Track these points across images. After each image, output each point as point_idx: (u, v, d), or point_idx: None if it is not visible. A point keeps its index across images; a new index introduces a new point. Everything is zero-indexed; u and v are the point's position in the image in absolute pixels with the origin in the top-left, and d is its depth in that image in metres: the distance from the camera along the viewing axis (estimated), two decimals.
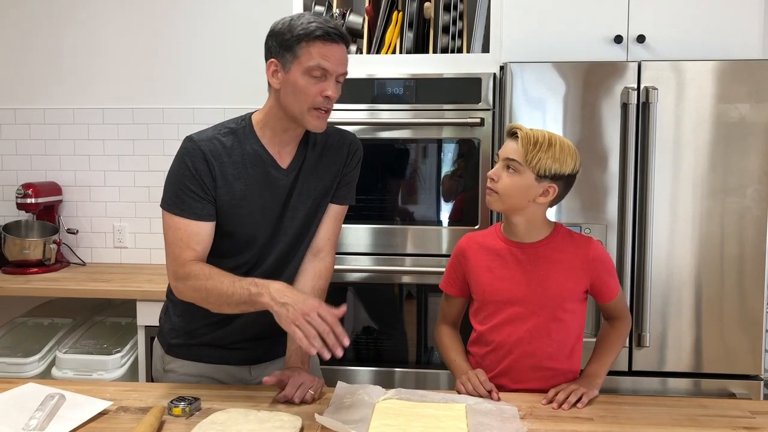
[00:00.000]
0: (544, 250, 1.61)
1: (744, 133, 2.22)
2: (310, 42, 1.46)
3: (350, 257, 2.50)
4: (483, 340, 1.66)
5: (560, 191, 1.59)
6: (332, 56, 1.48)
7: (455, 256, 1.72)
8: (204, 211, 1.53)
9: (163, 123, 3.11)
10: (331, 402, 1.46)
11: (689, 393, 2.29)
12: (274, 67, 1.51)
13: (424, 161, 2.50)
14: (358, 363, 2.54)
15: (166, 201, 1.54)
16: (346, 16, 2.60)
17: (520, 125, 1.59)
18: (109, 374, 2.55)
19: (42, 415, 1.33)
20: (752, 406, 1.52)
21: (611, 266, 1.66)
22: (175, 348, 1.66)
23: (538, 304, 1.59)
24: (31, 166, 3.18)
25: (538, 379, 1.60)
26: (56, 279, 2.83)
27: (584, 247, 1.62)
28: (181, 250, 1.51)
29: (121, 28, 3.11)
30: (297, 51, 1.47)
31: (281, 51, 1.49)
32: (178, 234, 1.51)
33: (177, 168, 1.54)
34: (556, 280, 1.59)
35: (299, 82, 1.48)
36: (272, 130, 1.57)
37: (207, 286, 1.46)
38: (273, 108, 1.56)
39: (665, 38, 2.38)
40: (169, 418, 1.40)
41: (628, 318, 1.72)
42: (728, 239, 2.25)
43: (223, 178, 1.53)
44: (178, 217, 1.52)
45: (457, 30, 2.55)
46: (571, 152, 1.56)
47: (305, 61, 1.46)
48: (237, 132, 1.57)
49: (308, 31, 1.46)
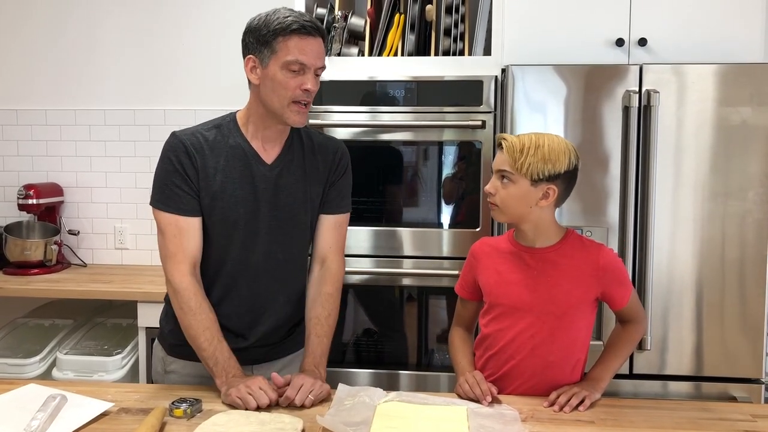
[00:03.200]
0: (553, 256, 1.59)
1: (745, 137, 2.22)
2: (286, 36, 1.48)
3: (351, 259, 2.50)
4: (487, 342, 1.66)
5: (561, 190, 1.57)
6: (309, 50, 1.49)
7: (468, 259, 1.73)
8: (189, 206, 1.56)
9: (164, 124, 3.11)
10: (332, 404, 1.45)
11: (690, 396, 2.29)
12: (252, 63, 1.53)
13: (426, 164, 2.50)
14: (358, 365, 2.54)
15: (154, 198, 1.58)
16: (348, 19, 2.60)
17: (506, 135, 1.58)
18: (110, 375, 2.55)
19: (43, 416, 1.33)
20: (753, 410, 1.52)
21: (622, 274, 1.62)
22: (176, 349, 1.66)
23: (543, 311, 1.57)
24: (32, 167, 3.18)
25: (538, 385, 1.59)
26: (57, 280, 2.83)
27: (594, 255, 1.59)
28: (176, 249, 1.55)
29: (123, 29, 3.11)
30: (274, 46, 1.48)
31: (258, 46, 1.51)
32: (170, 229, 1.55)
33: (162, 165, 1.58)
34: (564, 287, 1.57)
35: (278, 77, 1.50)
36: (254, 125, 1.60)
37: (188, 320, 1.54)
38: (253, 104, 1.58)
39: (667, 41, 2.38)
40: (171, 420, 1.40)
41: (642, 321, 1.67)
42: (729, 242, 2.25)
43: (204, 170, 1.55)
44: (167, 213, 1.55)
45: (458, 33, 2.55)
46: (563, 149, 1.53)
47: (283, 55, 1.48)
48: (221, 127, 1.60)
49: (284, 25, 1.47)
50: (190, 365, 1.66)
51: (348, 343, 2.56)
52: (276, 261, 1.64)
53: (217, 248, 1.60)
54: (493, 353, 1.64)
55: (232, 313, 1.63)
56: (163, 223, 1.56)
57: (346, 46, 2.60)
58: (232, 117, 1.63)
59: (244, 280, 1.62)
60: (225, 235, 1.59)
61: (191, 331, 1.54)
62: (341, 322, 2.57)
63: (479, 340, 1.70)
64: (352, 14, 2.63)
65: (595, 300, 1.61)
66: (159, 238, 1.58)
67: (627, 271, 1.66)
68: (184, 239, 1.55)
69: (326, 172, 1.68)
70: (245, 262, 1.61)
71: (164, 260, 1.57)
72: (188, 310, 1.54)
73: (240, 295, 1.63)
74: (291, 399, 1.46)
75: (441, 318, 2.52)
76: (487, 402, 1.48)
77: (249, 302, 1.64)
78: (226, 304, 1.63)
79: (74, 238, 3.15)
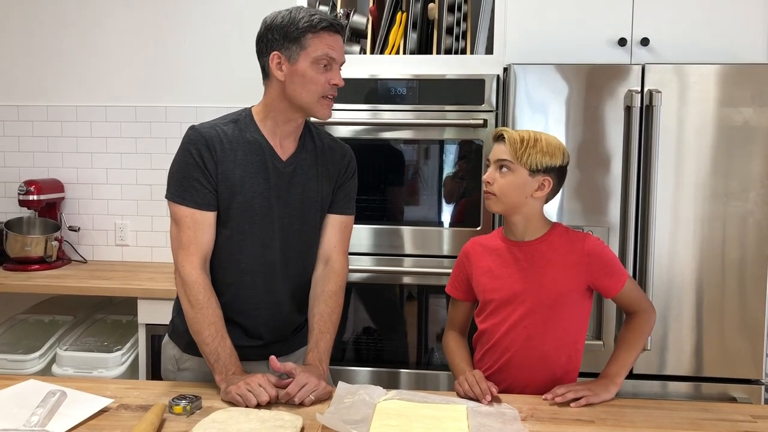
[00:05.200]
0: (541, 248, 1.63)
1: (747, 137, 2.22)
2: (317, 33, 1.52)
3: (352, 257, 2.49)
4: (483, 338, 1.70)
5: (554, 183, 1.62)
6: (337, 46, 1.55)
7: (459, 259, 1.76)
8: (207, 200, 1.55)
9: (165, 121, 3.11)
10: (332, 402, 1.45)
11: (690, 397, 2.29)
12: (278, 59, 1.54)
13: (427, 162, 2.50)
14: (358, 363, 2.54)
15: (171, 191, 1.57)
16: (350, 17, 2.60)
17: (505, 128, 1.64)
18: (110, 372, 2.55)
19: (43, 412, 1.33)
20: (753, 410, 1.52)
21: (610, 259, 1.63)
22: (193, 345, 1.63)
23: (535, 302, 1.61)
24: (33, 163, 3.19)
25: (536, 376, 1.62)
26: (57, 276, 2.83)
27: (579, 243, 1.63)
28: (189, 241, 1.54)
29: (124, 25, 3.11)
30: (303, 42, 1.52)
31: (285, 43, 1.53)
32: (186, 222, 1.54)
33: (181, 158, 1.57)
34: (553, 278, 1.61)
35: (308, 73, 1.53)
36: (274, 121, 1.60)
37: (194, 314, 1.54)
38: (275, 100, 1.59)
39: (669, 41, 2.38)
40: (170, 416, 1.40)
41: (648, 309, 1.66)
42: (730, 243, 2.25)
43: (224, 164, 1.56)
44: (184, 206, 1.55)
45: (460, 31, 2.55)
46: (557, 145, 1.61)
47: (312, 51, 1.52)
48: (238, 122, 1.61)
49: (313, 23, 1.52)
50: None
51: (348, 341, 2.56)
52: (287, 257, 1.65)
53: (233, 243, 1.60)
54: (489, 347, 1.67)
55: (249, 309, 1.63)
56: (178, 215, 1.56)
57: (348, 44, 2.60)
58: (248, 112, 1.63)
59: (260, 277, 1.63)
60: (240, 231, 1.59)
61: (196, 325, 1.54)
62: (342, 319, 2.55)
63: (477, 337, 1.73)
64: (354, 12, 2.63)
65: (587, 289, 1.64)
66: (172, 229, 1.58)
67: (616, 259, 1.65)
68: (199, 232, 1.55)
69: (336, 174, 1.70)
70: (260, 258, 1.61)
71: (176, 251, 1.57)
72: (195, 303, 1.53)
73: (257, 291, 1.63)
74: (291, 396, 1.45)
75: (441, 317, 2.52)
76: (486, 401, 1.48)
77: (263, 298, 1.64)
78: (241, 301, 1.63)
79: (75, 234, 3.15)
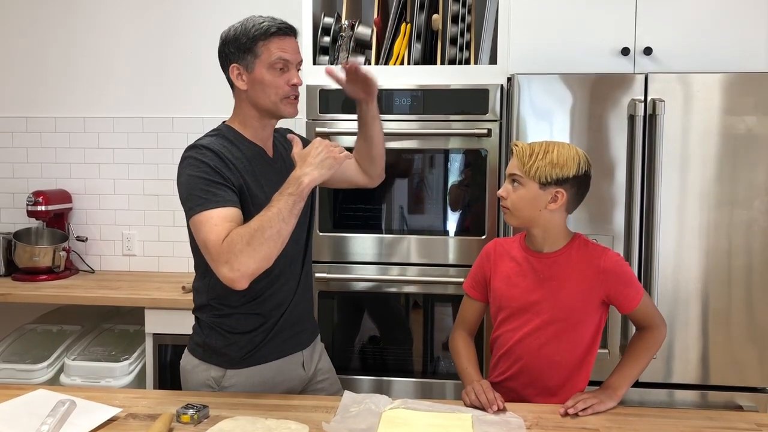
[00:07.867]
0: (559, 261, 1.63)
1: (751, 146, 2.22)
2: (267, 39, 1.58)
3: (357, 266, 2.51)
4: (498, 343, 1.72)
5: (571, 195, 1.60)
6: (289, 48, 1.61)
7: (480, 258, 1.76)
8: (234, 199, 1.52)
9: (172, 132, 3.13)
10: (338, 411, 1.46)
11: (696, 405, 2.29)
12: (237, 71, 1.61)
13: (431, 171, 2.51)
14: (364, 372, 2.55)
15: (197, 204, 1.48)
16: (355, 28, 2.62)
17: (519, 141, 1.65)
18: (117, 381, 2.56)
19: (53, 421, 1.35)
20: (759, 419, 1.52)
21: (628, 276, 1.63)
22: (238, 361, 1.63)
23: (550, 314, 1.61)
24: (41, 174, 3.21)
25: (546, 385, 1.62)
26: (65, 286, 2.84)
27: (597, 258, 1.62)
28: (218, 236, 1.43)
29: (133, 38, 3.14)
30: (256, 50, 1.58)
31: (240, 54, 1.60)
32: (213, 221, 1.45)
33: (196, 172, 1.51)
34: (569, 291, 1.61)
35: (266, 78, 1.59)
36: (253, 128, 1.66)
37: (253, 225, 1.42)
38: (245, 109, 1.65)
39: (672, 50, 2.39)
40: (178, 426, 1.41)
41: (659, 326, 1.66)
42: (735, 251, 2.25)
43: (234, 173, 1.55)
44: (218, 208, 1.47)
45: (464, 41, 2.56)
46: (572, 155, 1.59)
47: (266, 58, 1.58)
48: (221, 135, 1.63)
49: (263, 30, 1.58)
50: (257, 371, 1.64)
51: (353, 350, 2.57)
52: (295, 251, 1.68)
53: None
54: (503, 353, 1.69)
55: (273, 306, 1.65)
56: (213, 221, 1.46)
57: (353, 55, 2.62)
58: (226, 126, 1.67)
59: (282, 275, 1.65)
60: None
61: (265, 222, 1.42)
62: (347, 328, 2.58)
63: (493, 340, 1.75)
64: (359, 23, 2.65)
65: (602, 303, 1.63)
66: (203, 235, 1.46)
67: (634, 276, 1.65)
68: (227, 222, 1.46)
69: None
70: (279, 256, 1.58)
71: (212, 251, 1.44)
72: (246, 226, 1.43)
73: (281, 289, 1.66)
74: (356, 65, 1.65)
75: (447, 325, 2.53)
76: (493, 411, 1.49)
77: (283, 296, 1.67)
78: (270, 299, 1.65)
79: (82, 244, 3.17)
